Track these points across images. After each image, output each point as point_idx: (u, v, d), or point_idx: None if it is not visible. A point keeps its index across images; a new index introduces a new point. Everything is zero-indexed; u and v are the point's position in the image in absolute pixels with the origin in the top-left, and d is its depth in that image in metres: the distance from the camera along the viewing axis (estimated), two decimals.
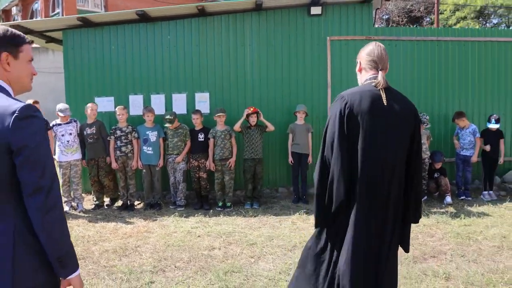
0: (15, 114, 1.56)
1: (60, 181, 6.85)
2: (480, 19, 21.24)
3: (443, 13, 21.30)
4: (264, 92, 7.56)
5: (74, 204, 6.80)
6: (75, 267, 1.70)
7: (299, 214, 6.27)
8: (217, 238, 5.19)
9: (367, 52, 2.52)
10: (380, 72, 2.44)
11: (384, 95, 2.39)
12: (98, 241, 5.19)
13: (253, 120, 6.87)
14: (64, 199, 6.84)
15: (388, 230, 2.41)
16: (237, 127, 6.79)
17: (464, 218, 5.84)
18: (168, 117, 6.64)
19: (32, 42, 6.01)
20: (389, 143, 2.37)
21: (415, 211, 2.52)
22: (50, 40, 8.23)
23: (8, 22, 7.09)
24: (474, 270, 4.05)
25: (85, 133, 6.62)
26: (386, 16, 24.36)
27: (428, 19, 23.39)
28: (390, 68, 2.66)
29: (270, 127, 6.93)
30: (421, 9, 21.20)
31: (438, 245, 4.84)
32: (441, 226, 5.55)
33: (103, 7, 24.55)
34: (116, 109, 6.75)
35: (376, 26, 11.65)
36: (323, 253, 2.55)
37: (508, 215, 6.04)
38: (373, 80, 2.44)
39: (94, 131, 6.62)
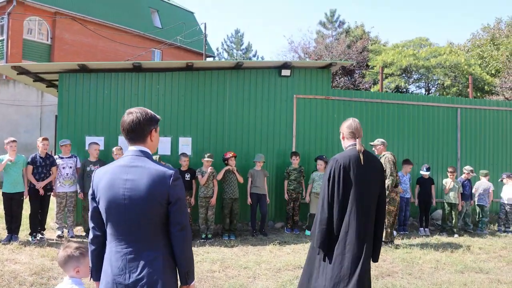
0: (172, 177, 2.33)
1: (56, 209, 7.48)
2: (404, 75, 24.36)
3: (373, 69, 24.12)
4: (239, 138, 8.78)
5: (66, 230, 7.44)
6: (194, 278, 2.40)
7: (273, 244, 7.41)
8: (213, 264, 6.17)
9: (347, 125, 3.72)
10: (357, 140, 3.66)
11: (362, 156, 3.61)
12: None
13: (232, 162, 8.01)
14: (57, 225, 7.47)
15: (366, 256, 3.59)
16: (219, 176, 7.89)
17: (406, 247, 7.33)
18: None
19: None
20: (367, 190, 3.60)
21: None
22: (51, 85, 8.84)
23: (9, 64, 7.71)
24: (421, 284, 5.44)
25: (88, 169, 7.35)
26: None
27: (358, 71, 26.26)
28: (342, 121, 3.64)
29: (240, 179, 8.07)
30: (354, 64, 23.86)
31: (391, 267, 6.21)
32: (389, 253, 6.98)
33: (50, 38, 24.63)
34: (114, 149, 7.56)
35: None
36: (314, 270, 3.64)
37: (439, 245, 7.64)
38: (353, 147, 3.70)
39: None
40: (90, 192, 2.44)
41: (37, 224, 7.19)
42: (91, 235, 2.43)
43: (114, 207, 2.31)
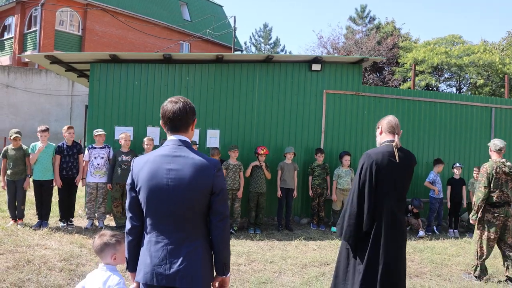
0: (216, 168, 2.32)
1: (86, 199, 7.60)
2: (434, 73, 23.81)
3: (403, 66, 23.65)
4: (267, 133, 8.73)
5: (95, 221, 7.53)
6: (229, 269, 2.42)
7: (299, 240, 7.35)
8: (239, 257, 6.16)
9: (387, 121, 3.68)
10: (396, 135, 3.61)
11: (397, 153, 3.54)
12: None
13: (261, 158, 7.97)
14: (87, 216, 7.58)
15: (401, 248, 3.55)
16: (247, 173, 7.90)
17: (435, 248, 7.16)
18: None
19: None
20: (398, 187, 3.54)
21: None
22: (82, 75, 8.99)
23: (42, 53, 7.86)
24: (450, 286, 5.30)
25: (120, 159, 7.41)
26: None
27: (388, 68, 25.81)
28: (374, 118, 3.60)
29: (267, 175, 8.03)
30: (383, 61, 23.46)
31: (419, 268, 6.07)
32: (417, 253, 6.82)
33: (81, 30, 25.05)
34: (145, 139, 7.60)
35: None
36: (349, 266, 3.58)
37: (467, 247, 7.43)
38: (390, 143, 3.60)
39: (130, 159, 7.44)
40: (128, 181, 2.41)
41: (66, 211, 7.32)
42: (128, 226, 2.40)
43: (156, 197, 2.29)
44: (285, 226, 8.16)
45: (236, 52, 29.44)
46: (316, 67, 8.69)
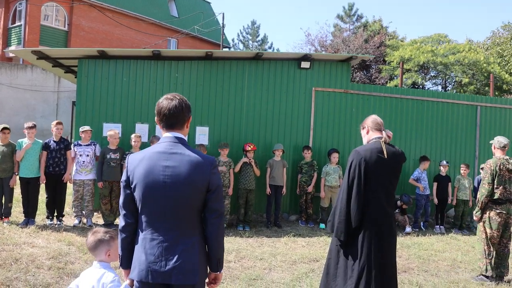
0: (212, 165, 2.34)
1: (73, 197, 7.52)
2: (420, 72, 24.06)
3: (390, 64, 23.84)
4: (256, 130, 8.75)
5: (83, 219, 7.46)
6: (222, 266, 2.44)
7: (288, 236, 7.39)
8: (229, 254, 6.16)
9: (372, 120, 3.75)
10: (384, 132, 3.66)
11: (385, 149, 3.58)
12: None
13: (250, 155, 7.99)
14: (74, 214, 7.50)
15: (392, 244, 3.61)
16: (237, 169, 7.90)
17: (422, 244, 7.26)
18: None
19: None
20: (387, 183, 3.59)
21: None
22: (69, 70, 8.89)
23: (29, 48, 7.75)
24: (438, 281, 5.39)
25: (108, 157, 7.32)
26: None
27: (375, 66, 25.98)
28: (362, 116, 3.55)
29: (256, 172, 8.05)
30: (371, 59, 23.62)
31: (406, 263, 6.16)
32: (405, 249, 6.92)
33: (67, 25, 24.72)
34: (132, 136, 7.55)
35: None
36: (339, 262, 3.62)
37: (453, 243, 7.56)
38: (378, 140, 3.65)
39: (118, 157, 7.38)
40: (123, 178, 2.40)
41: (53, 209, 7.24)
42: (122, 223, 2.39)
43: (152, 194, 2.29)
44: (274, 223, 8.20)
45: (224, 49, 29.38)
46: (305, 64, 8.73)
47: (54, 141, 7.24)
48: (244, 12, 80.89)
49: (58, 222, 7.24)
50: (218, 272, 2.43)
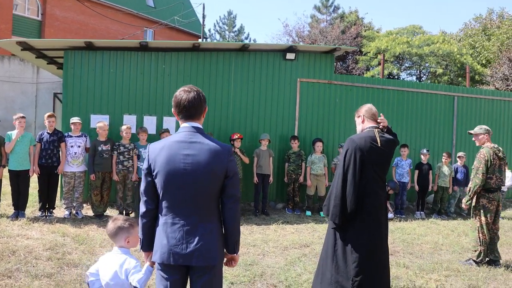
0: (229, 153, 2.50)
1: (64, 189, 7.52)
2: (396, 62, 24.61)
3: (366, 55, 24.28)
4: (243, 120, 8.90)
5: (73, 211, 7.48)
6: (239, 248, 2.59)
7: (277, 224, 7.61)
8: None
9: (367, 109, 3.93)
10: (379, 119, 3.88)
11: (378, 136, 3.79)
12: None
13: (237, 144, 8.14)
14: (64, 206, 7.51)
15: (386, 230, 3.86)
16: None
17: (405, 229, 7.61)
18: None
19: None
20: (380, 170, 3.83)
21: None
22: (51, 61, 8.79)
23: (14, 39, 7.66)
24: (423, 262, 5.71)
25: (99, 149, 7.34)
26: None
27: (352, 57, 26.38)
28: (345, 106, 3.68)
29: (245, 160, 8.23)
30: (354, 50, 23.99)
31: (392, 247, 6.43)
32: (389, 234, 7.20)
33: (40, 14, 24.15)
34: (123, 128, 7.57)
35: None
36: (336, 245, 3.83)
37: (434, 228, 7.93)
38: (372, 129, 3.87)
39: (109, 148, 7.41)
40: (145, 166, 2.52)
41: (45, 201, 7.24)
42: (143, 209, 2.51)
43: (173, 181, 2.42)
44: (261, 211, 8.41)
45: (201, 40, 29.23)
46: (290, 56, 8.90)
47: (47, 132, 7.22)
48: (220, 2, 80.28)
49: (49, 214, 7.25)
50: (235, 254, 2.59)
